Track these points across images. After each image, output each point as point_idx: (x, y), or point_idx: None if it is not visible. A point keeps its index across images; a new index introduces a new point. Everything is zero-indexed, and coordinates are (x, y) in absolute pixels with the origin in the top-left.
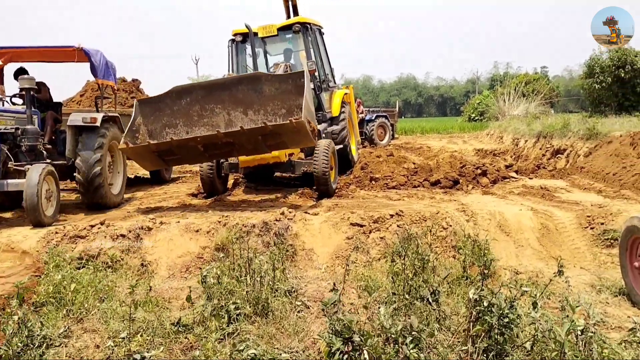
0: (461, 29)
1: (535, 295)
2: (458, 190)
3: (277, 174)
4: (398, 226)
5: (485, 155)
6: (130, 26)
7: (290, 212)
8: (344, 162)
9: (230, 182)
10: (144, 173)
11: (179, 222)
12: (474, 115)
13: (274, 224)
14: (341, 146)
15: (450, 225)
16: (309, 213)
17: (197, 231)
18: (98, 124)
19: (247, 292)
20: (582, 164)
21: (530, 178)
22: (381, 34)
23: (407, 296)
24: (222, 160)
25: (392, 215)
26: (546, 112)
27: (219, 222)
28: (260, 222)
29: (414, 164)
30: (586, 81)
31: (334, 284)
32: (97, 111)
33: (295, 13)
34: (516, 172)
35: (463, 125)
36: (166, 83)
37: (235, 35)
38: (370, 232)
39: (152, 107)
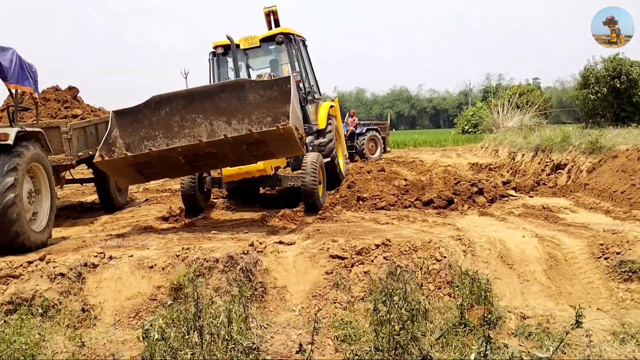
0: (453, 40)
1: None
2: (453, 210)
3: (262, 190)
4: (385, 258)
5: (480, 170)
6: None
7: (260, 244)
8: (332, 176)
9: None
10: (93, 198)
11: (132, 255)
12: (467, 127)
13: (241, 258)
14: (329, 159)
15: (445, 257)
16: (283, 242)
17: (152, 267)
18: (10, 141)
19: (193, 354)
20: (585, 181)
21: (530, 196)
22: (374, 47)
23: (392, 354)
24: (204, 175)
25: (377, 245)
26: (541, 124)
27: (178, 255)
28: (225, 256)
29: (405, 180)
30: (581, 92)
31: (300, 345)
32: (11, 125)
33: (277, 27)
34: (514, 189)
35: (456, 138)
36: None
37: (216, 47)
38: (352, 265)
39: (129, 119)
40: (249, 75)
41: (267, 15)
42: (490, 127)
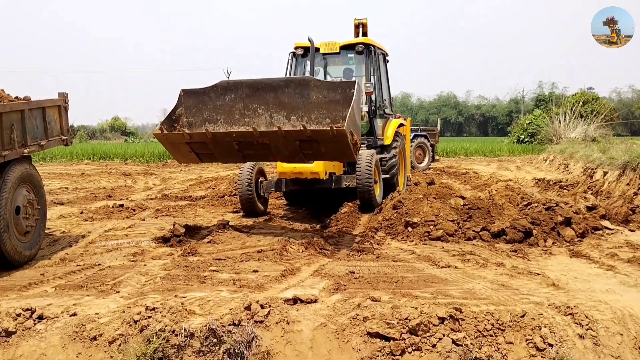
0: (504, 46)
1: None
2: (532, 246)
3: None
4: (454, 342)
5: (547, 187)
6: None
7: (263, 307)
8: (389, 189)
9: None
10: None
11: (74, 314)
12: (523, 136)
13: (229, 332)
14: (387, 176)
15: (551, 345)
16: (299, 300)
17: (95, 339)
18: None
19: None
20: None
21: (631, 230)
22: (420, 51)
23: None
24: (260, 179)
25: (442, 320)
26: (607, 135)
27: (136, 322)
28: (204, 328)
29: (462, 198)
30: None
31: None
32: None
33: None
34: (603, 216)
35: (512, 148)
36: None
37: (296, 48)
38: (403, 352)
39: (195, 99)
40: (325, 78)
41: (357, 27)
42: (550, 137)
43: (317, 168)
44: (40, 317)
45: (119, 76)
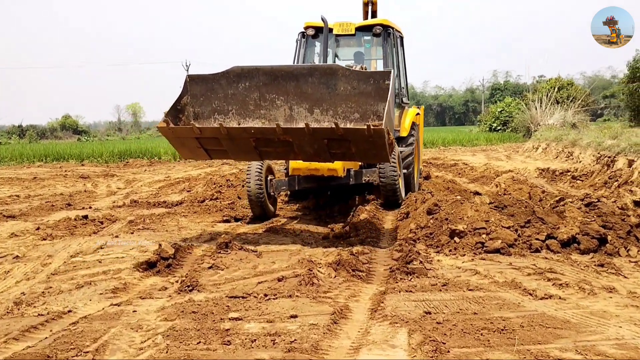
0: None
1: None
2: (610, 255)
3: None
4: None
5: (554, 178)
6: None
7: None
8: (406, 187)
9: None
10: None
11: None
12: (495, 125)
13: None
14: (405, 171)
15: None
16: None
17: None
18: None
19: None
20: None
21: None
22: None
23: None
24: (270, 177)
25: None
26: (585, 121)
27: None
28: None
29: (478, 194)
30: (629, 86)
31: None
32: None
33: (374, 18)
34: None
35: (489, 137)
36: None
37: (307, 28)
38: None
39: (203, 87)
40: (335, 62)
41: (366, 4)
42: (527, 125)
43: (335, 165)
44: None
45: (67, 72)
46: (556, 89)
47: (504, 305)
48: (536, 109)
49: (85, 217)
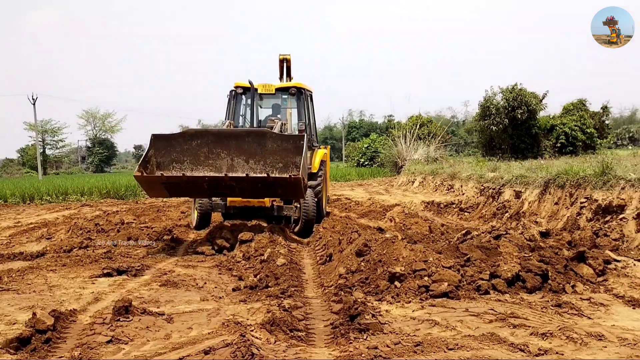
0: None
1: None
2: (556, 293)
3: None
4: None
5: (440, 211)
6: None
7: None
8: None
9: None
10: None
11: None
12: (362, 160)
13: None
14: (315, 199)
15: None
16: None
17: None
18: None
19: None
20: None
21: (638, 260)
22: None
23: None
24: (213, 198)
25: None
26: (444, 156)
27: None
28: None
29: (381, 231)
30: (480, 123)
31: None
32: None
33: (289, 74)
34: (570, 243)
35: (361, 171)
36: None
37: (236, 87)
38: None
39: (164, 143)
40: (258, 114)
41: (282, 62)
42: (394, 159)
43: (264, 199)
44: None
45: None
46: (418, 125)
47: None
48: (402, 144)
49: None
